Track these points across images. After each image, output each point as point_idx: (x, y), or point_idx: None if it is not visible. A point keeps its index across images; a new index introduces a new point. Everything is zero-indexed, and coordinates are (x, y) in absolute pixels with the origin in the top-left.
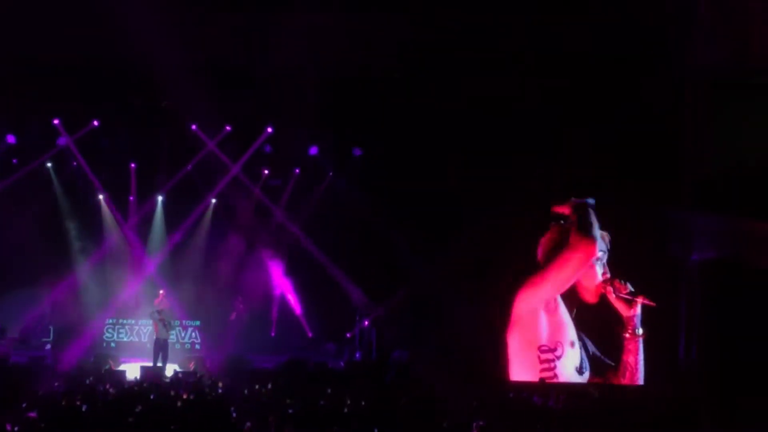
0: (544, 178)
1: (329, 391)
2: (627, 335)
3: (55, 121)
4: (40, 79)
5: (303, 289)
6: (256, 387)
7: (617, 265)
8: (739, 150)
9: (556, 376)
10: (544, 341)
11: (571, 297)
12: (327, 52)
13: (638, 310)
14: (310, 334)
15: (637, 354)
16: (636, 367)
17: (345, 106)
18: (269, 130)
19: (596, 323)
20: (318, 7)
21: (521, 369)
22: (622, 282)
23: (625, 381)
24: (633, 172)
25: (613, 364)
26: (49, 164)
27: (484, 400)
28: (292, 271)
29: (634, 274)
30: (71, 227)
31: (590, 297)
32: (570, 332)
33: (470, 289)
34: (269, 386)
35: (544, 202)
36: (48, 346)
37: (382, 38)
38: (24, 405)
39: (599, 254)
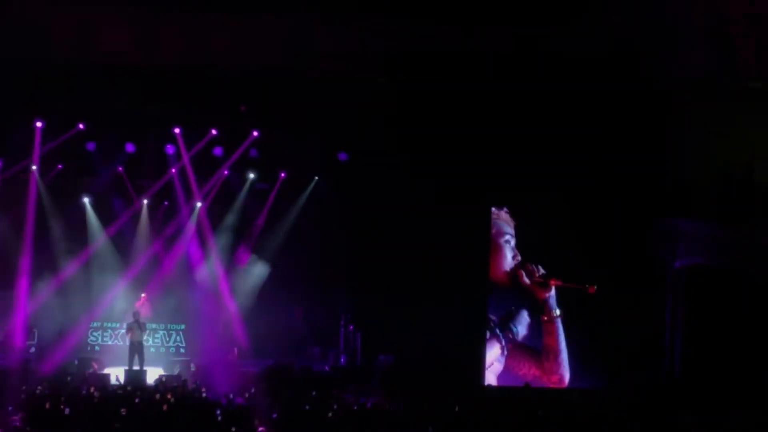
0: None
1: (314, 395)
2: (545, 318)
3: (38, 124)
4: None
5: (288, 292)
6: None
7: (601, 270)
8: (723, 156)
9: None
10: None
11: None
12: (311, 55)
13: (552, 291)
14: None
15: (557, 335)
16: (558, 348)
17: (331, 111)
18: (255, 134)
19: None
20: (300, 8)
21: None
22: (534, 265)
23: (548, 364)
24: (618, 177)
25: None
26: (34, 167)
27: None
28: (276, 275)
29: (619, 280)
30: (56, 229)
31: (503, 279)
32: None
33: (448, 292)
34: (253, 390)
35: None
36: (32, 350)
37: (367, 43)
38: (9, 408)
39: (506, 237)
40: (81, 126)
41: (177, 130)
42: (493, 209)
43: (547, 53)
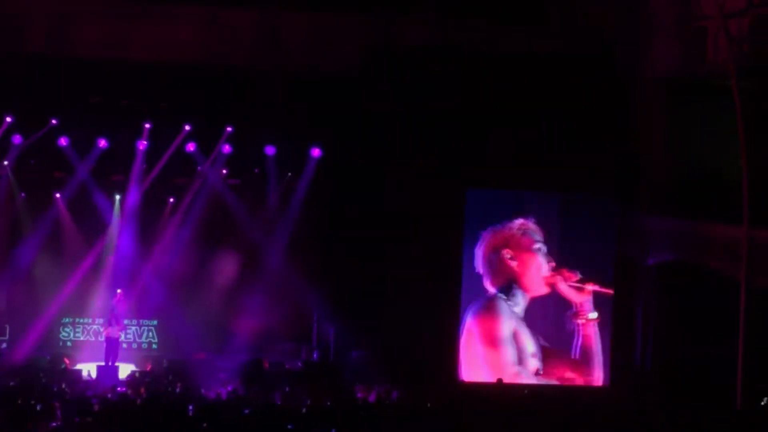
0: (502, 179)
1: (287, 390)
2: (581, 321)
3: (8, 119)
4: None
5: (261, 288)
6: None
7: (573, 267)
8: (695, 152)
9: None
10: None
11: (516, 291)
12: (286, 51)
13: (589, 295)
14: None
15: (594, 337)
16: (595, 350)
17: (304, 106)
18: (229, 129)
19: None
20: (271, 2)
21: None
22: (571, 270)
23: (585, 367)
24: (591, 174)
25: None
26: (6, 162)
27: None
28: (249, 270)
29: (592, 276)
30: (28, 224)
31: (540, 289)
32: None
33: (424, 290)
34: (228, 386)
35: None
36: (3, 345)
37: (342, 39)
38: None
39: (537, 245)
40: (54, 121)
41: (148, 126)
42: (521, 219)
43: (520, 49)
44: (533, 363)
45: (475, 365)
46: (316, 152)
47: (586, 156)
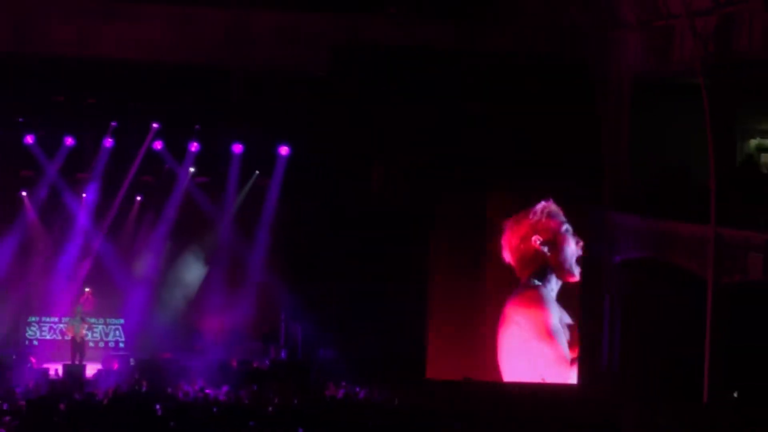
0: (469, 177)
1: (255, 389)
2: None
3: None
4: None
5: (228, 287)
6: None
7: None
8: (661, 151)
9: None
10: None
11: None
12: (253, 50)
13: None
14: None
15: None
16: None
17: (272, 105)
18: (197, 127)
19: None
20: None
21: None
22: None
23: None
24: (556, 174)
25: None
26: None
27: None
28: (217, 269)
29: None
30: None
31: (574, 271)
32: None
33: (392, 289)
34: (196, 385)
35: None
36: None
37: (309, 37)
38: None
39: (565, 226)
40: (20, 119)
41: (114, 124)
42: (543, 202)
43: (485, 47)
44: (569, 353)
45: (524, 359)
46: (284, 150)
47: (552, 154)
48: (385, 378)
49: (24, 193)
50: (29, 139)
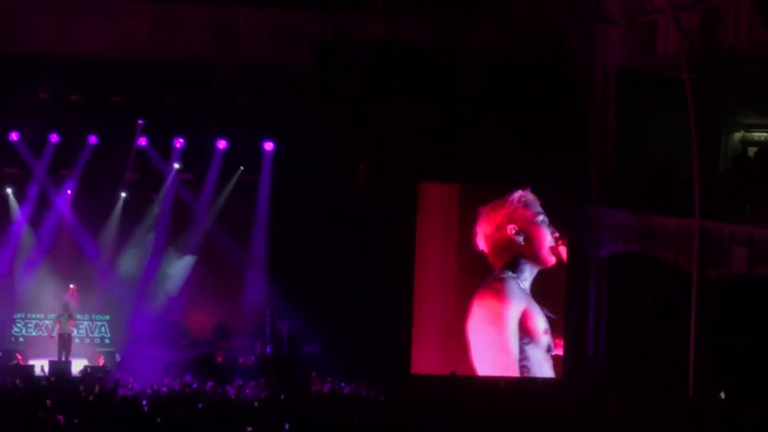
0: (455, 174)
1: (240, 384)
2: None
3: None
4: None
5: (213, 282)
6: (166, 381)
7: None
8: (645, 145)
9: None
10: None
11: (524, 267)
12: (238, 46)
13: None
14: None
15: None
16: None
17: (256, 101)
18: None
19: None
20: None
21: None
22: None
23: None
24: (542, 168)
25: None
26: None
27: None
28: (201, 265)
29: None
30: None
31: (547, 260)
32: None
33: (377, 284)
34: (179, 380)
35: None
36: None
37: (293, 34)
38: None
39: (540, 217)
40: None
41: (99, 121)
42: (519, 191)
43: (470, 43)
44: (545, 340)
45: (479, 350)
46: (268, 146)
47: (537, 148)
48: (371, 373)
49: (9, 190)
50: (14, 136)
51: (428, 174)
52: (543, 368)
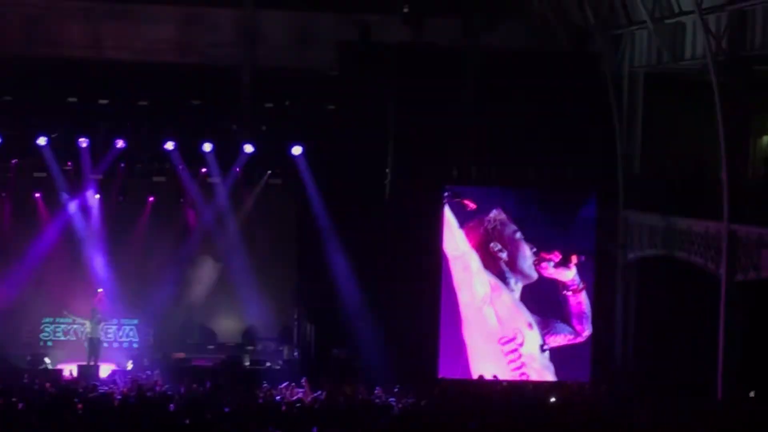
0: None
1: (267, 388)
2: (570, 292)
3: None
4: None
5: (241, 286)
6: (194, 385)
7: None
8: (674, 148)
9: (523, 364)
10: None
11: (510, 279)
12: (264, 49)
13: (574, 268)
14: None
15: (584, 301)
16: (587, 312)
17: (283, 104)
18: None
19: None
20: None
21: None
22: (549, 252)
23: (580, 326)
24: (570, 170)
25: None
26: None
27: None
28: (229, 270)
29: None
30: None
31: (530, 274)
32: (524, 314)
33: (407, 286)
34: (207, 384)
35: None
36: None
37: (320, 36)
38: None
39: (517, 234)
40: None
41: (127, 125)
42: (494, 211)
43: (498, 45)
44: (534, 336)
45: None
46: (296, 150)
47: (565, 151)
48: (399, 378)
49: (38, 195)
50: (42, 140)
51: (456, 176)
52: (539, 365)
